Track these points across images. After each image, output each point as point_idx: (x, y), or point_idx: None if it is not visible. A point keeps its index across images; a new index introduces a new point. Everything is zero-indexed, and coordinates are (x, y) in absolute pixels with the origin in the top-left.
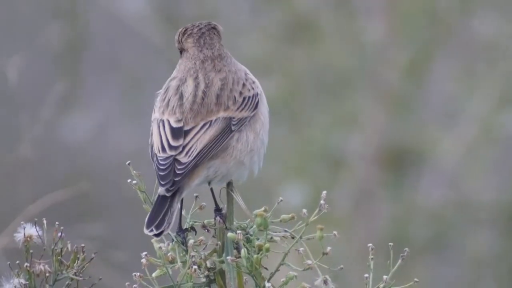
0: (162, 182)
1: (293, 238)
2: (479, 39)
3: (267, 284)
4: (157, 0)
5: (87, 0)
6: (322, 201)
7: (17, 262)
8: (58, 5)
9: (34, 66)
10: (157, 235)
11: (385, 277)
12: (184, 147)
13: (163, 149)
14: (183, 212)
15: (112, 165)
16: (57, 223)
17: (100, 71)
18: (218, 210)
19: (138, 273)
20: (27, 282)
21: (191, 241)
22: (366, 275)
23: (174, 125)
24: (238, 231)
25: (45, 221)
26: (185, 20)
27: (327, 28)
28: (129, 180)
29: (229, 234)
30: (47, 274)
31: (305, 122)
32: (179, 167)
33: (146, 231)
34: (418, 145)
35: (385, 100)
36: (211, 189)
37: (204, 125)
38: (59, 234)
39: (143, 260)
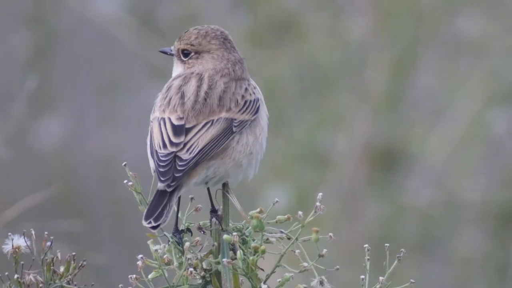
0: (162, 178)
1: (289, 239)
2: (464, 38)
3: (263, 286)
4: (132, 3)
5: (61, 4)
6: (318, 203)
7: (6, 273)
8: (30, 9)
9: (6, 69)
10: (154, 228)
11: (381, 278)
12: (185, 144)
13: (164, 146)
14: (179, 214)
15: (89, 168)
16: (46, 233)
17: (75, 74)
18: (214, 211)
19: (134, 275)
20: None
21: (187, 244)
22: (362, 276)
23: (176, 122)
24: (234, 233)
25: (33, 232)
26: (162, 23)
27: (311, 27)
28: (125, 181)
29: (225, 236)
30: (40, 285)
31: (288, 122)
32: (180, 164)
33: (144, 223)
34: (405, 144)
35: (371, 99)
36: (208, 190)
37: (206, 123)
38: (48, 243)
39: (139, 263)
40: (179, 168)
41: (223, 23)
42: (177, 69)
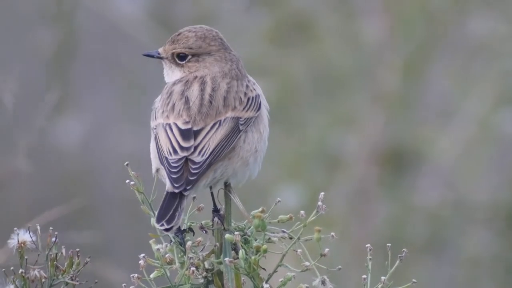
0: (176, 185)
1: (291, 238)
2: (475, 39)
3: (265, 285)
4: (151, 3)
5: (81, 3)
6: (319, 203)
7: (12, 268)
8: (50, 8)
9: (27, 70)
10: (167, 230)
11: (383, 278)
12: (196, 147)
13: (175, 151)
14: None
15: (107, 168)
16: (51, 228)
17: (94, 74)
18: (216, 211)
19: (136, 275)
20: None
21: (189, 243)
22: (364, 276)
23: (182, 127)
24: (236, 233)
25: (38, 227)
26: (180, 23)
27: (325, 28)
28: (127, 181)
29: (227, 235)
30: (43, 280)
31: (301, 122)
32: (193, 167)
33: (157, 225)
34: (415, 145)
35: (382, 100)
36: (211, 190)
37: (214, 124)
38: (53, 239)
39: (141, 262)
40: (193, 171)
41: (238, 23)
42: (174, 73)
